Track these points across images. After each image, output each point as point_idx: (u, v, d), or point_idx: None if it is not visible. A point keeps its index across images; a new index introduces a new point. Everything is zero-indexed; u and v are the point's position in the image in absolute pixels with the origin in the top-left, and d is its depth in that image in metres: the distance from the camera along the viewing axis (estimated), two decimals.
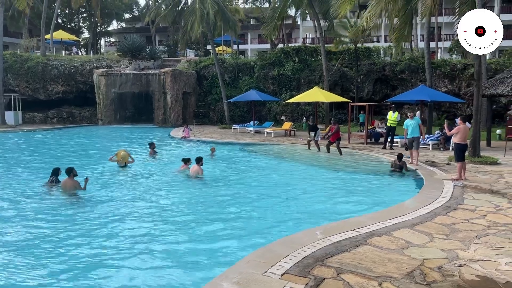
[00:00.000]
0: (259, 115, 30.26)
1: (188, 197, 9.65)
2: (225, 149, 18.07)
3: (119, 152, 13.04)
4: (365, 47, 31.07)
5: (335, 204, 8.92)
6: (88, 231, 7.06)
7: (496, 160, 13.12)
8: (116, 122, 30.72)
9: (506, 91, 16.56)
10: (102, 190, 10.17)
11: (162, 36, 53.32)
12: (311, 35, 48.95)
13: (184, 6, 30.96)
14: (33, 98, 31.59)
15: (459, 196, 8.67)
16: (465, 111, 26.17)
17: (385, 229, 6.36)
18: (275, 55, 31.91)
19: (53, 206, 8.75)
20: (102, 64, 33.03)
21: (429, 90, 19.03)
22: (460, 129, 10.71)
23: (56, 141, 21.74)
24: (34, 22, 44.47)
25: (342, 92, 28.39)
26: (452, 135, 11.15)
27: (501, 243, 5.81)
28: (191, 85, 32.00)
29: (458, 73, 27.14)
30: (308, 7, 27.15)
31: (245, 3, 50.36)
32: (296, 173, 12.91)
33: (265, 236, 6.62)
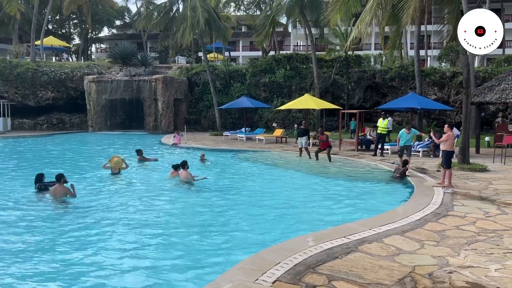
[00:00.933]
0: (250, 122, 30.29)
1: (178, 205, 9.60)
2: (216, 156, 18.04)
3: (113, 158, 12.94)
4: (356, 55, 31.34)
5: (326, 211, 8.93)
6: (74, 240, 6.97)
7: (485, 167, 13.26)
8: (106, 129, 30.53)
9: (494, 99, 16.79)
10: (91, 197, 10.08)
11: (153, 42, 53.25)
12: (302, 42, 49.22)
13: (176, 13, 30.94)
14: (23, 104, 31.27)
15: (449, 202, 8.73)
16: (455, 119, 26.46)
17: (376, 236, 6.38)
18: (266, 62, 32.02)
19: (42, 213, 8.64)
20: (93, 70, 32.88)
21: (419, 98, 19.23)
22: (449, 136, 10.82)
23: (45, 147, 21.50)
24: (25, 28, 44.17)
25: (333, 99, 28.57)
26: (441, 142, 11.25)
27: (490, 250, 5.85)
28: (182, 91, 31.96)
29: (447, 81, 27.46)
30: (299, 15, 27.33)
31: (236, 11, 50.57)
32: (287, 180, 12.92)
33: (256, 243, 6.60)
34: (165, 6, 30.70)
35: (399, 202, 9.17)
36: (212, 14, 29.17)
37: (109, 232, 7.36)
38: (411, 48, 32.74)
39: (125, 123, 32.88)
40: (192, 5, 27.56)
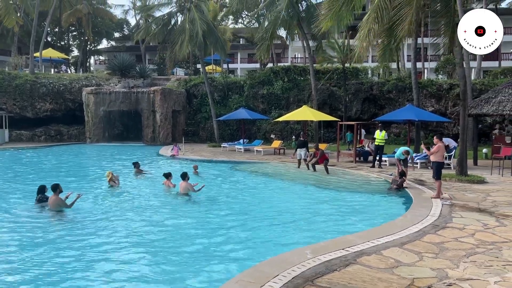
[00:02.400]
0: (248, 133, 30.33)
1: (175, 217, 9.53)
2: (214, 168, 18.01)
3: (108, 173, 12.99)
4: (353, 67, 31.55)
5: (324, 222, 8.89)
6: (67, 251, 6.89)
7: (483, 179, 13.26)
8: (104, 140, 30.49)
9: (491, 111, 16.87)
10: (87, 209, 10.00)
11: (152, 54, 53.51)
12: (300, 54, 49.57)
13: (174, 26, 31.18)
14: (21, 116, 31.29)
15: (448, 214, 8.71)
16: (452, 130, 26.57)
17: (374, 248, 6.35)
18: (264, 74, 32.20)
19: (38, 224, 8.58)
20: (91, 82, 32.97)
21: (416, 110, 19.31)
22: (440, 148, 10.82)
23: (43, 159, 21.43)
24: (24, 40, 44.41)
25: (330, 111, 28.69)
26: (432, 154, 11.23)
27: (489, 262, 5.82)
28: (180, 103, 32.03)
29: (445, 93, 27.63)
30: (297, 28, 27.57)
31: (234, 24, 50.98)
32: (284, 191, 12.89)
33: (254, 256, 6.55)
34: (163, 19, 30.96)
35: (398, 214, 9.12)
36: (211, 26, 29.40)
37: (101, 244, 7.29)
38: (408, 61, 33.04)
39: (123, 134, 32.87)
40: (191, 18, 27.79)
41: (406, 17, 13.10)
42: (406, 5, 13.16)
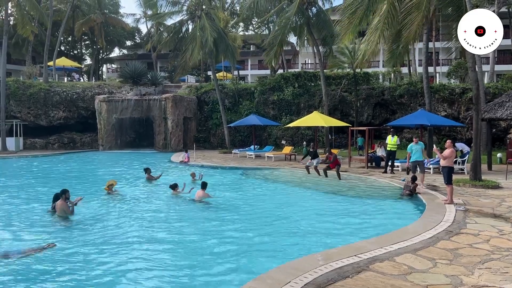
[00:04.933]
0: (259, 139, 30.33)
1: (187, 223, 9.56)
2: (226, 174, 18.04)
3: (112, 181, 13.14)
4: (364, 72, 31.41)
5: (336, 229, 8.83)
6: (74, 259, 6.93)
7: (498, 184, 13.06)
8: (117, 148, 30.78)
9: (505, 115, 16.64)
10: (92, 215, 10.09)
11: (163, 62, 54.01)
12: (310, 60, 49.57)
13: (185, 33, 31.46)
14: (35, 124, 31.78)
15: (462, 220, 8.59)
16: (465, 135, 26.24)
17: (387, 254, 6.28)
18: (275, 80, 32.25)
19: (50, 229, 8.68)
20: (103, 90, 33.37)
21: (429, 114, 19.12)
22: (453, 152, 10.82)
23: (58, 166, 21.70)
24: (37, 49, 45.16)
25: (341, 116, 28.57)
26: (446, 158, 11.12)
27: (505, 268, 5.72)
28: (191, 110, 32.23)
29: (457, 97, 27.33)
30: (307, 34, 27.60)
31: (245, 31, 51.21)
32: (296, 197, 12.84)
33: (266, 262, 6.53)
34: (175, 27, 31.24)
35: (410, 220, 9.03)
36: (221, 34, 29.59)
37: (105, 251, 7.34)
38: (420, 65, 32.81)
39: (135, 141, 33.15)
40: (201, 25, 28.00)
41: (415, 20, 13.03)
42: (415, 9, 13.09)
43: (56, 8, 44.73)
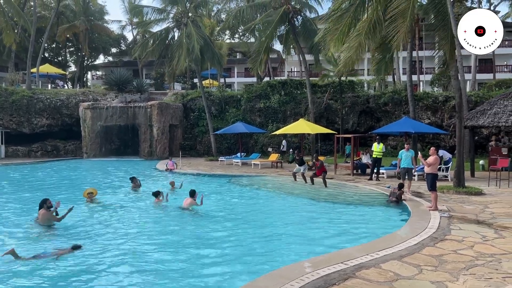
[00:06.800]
0: (246, 147, 30.32)
1: (168, 231, 9.43)
2: (212, 182, 17.95)
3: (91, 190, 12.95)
4: (349, 80, 31.75)
5: (322, 236, 8.83)
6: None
7: (481, 191, 13.26)
8: (101, 155, 30.41)
9: (487, 123, 16.97)
10: (76, 224, 9.90)
11: (149, 69, 53.65)
12: (296, 68, 49.90)
13: (171, 41, 31.40)
14: (17, 131, 31.17)
15: (446, 226, 8.68)
16: (449, 142, 26.64)
17: (373, 261, 6.30)
18: (261, 88, 32.37)
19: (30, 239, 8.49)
20: (88, 97, 33.03)
21: (413, 122, 19.38)
22: (437, 159, 11.00)
23: (38, 174, 21.32)
24: (21, 55, 44.55)
25: (327, 123, 28.78)
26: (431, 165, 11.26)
27: (489, 274, 5.78)
28: (177, 117, 32.09)
29: (440, 105, 27.78)
30: (293, 42, 27.81)
31: (231, 39, 51.36)
32: (283, 205, 12.83)
33: (252, 270, 6.48)
34: (160, 34, 31.14)
35: (396, 227, 9.09)
36: (207, 41, 29.61)
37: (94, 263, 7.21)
38: (404, 73, 33.28)
39: (120, 149, 32.81)
40: (188, 33, 28.00)
41: (400, 28, 13.19)
42: (400, 17, 13.26)
43: (40, 14, 44.30)
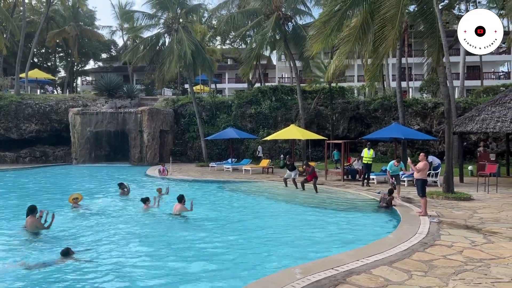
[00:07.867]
0: (236, 152, 30.30)
1: (158, 239, 9.36)
2: (203, 187, 17.88)
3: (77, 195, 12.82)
4: (339, 87, 31.98)
5: (313, 242, 8.83)
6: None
7: (470, 196, 13.38)
8: (90, 161, 30.14)
9: (475, 129, 17.17)
10: (65, 231, 9.78)
11: (139, 75, 53.55)
12: (287, 74, 50.13)
13: (162, 47, 31.34)
14: (5, 137, 30.80)
15: (436, 232, 8.73)
16: (438, 148, 26.90)
17: (364, 267, 6.30)
18: (252, 93, 32.44)
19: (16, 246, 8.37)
20: (78, 103, 32.78)
21: (402, 128, 19.53)
22: (426, 165, 11.10)
23: (27, 181, 21.06)
24: (9, 60, 44.12)
25: (318, 129, 28.90)
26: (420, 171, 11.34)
27: (478, 279, 5.82)
28: (168, 123, 31.97)
29: (430, 111, 28.07)
30: (284, 49, 27.96)
31: (222, 45, 51.48)
32: (274, 211, 12.81)
33: (242, 277, 6.45)
34: (151, 40, 31.09)
35: (386, 232, 9.12)
36: (198, 47, 29.63)
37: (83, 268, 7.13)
38: (393, 80, 33.61)
39: (110, 155, 32.54)
40: (179, 38, 28.00)
41: (389, 34, 13.30)
42: (389, 23, 13.37)
43: (30, 19, 43.95)
